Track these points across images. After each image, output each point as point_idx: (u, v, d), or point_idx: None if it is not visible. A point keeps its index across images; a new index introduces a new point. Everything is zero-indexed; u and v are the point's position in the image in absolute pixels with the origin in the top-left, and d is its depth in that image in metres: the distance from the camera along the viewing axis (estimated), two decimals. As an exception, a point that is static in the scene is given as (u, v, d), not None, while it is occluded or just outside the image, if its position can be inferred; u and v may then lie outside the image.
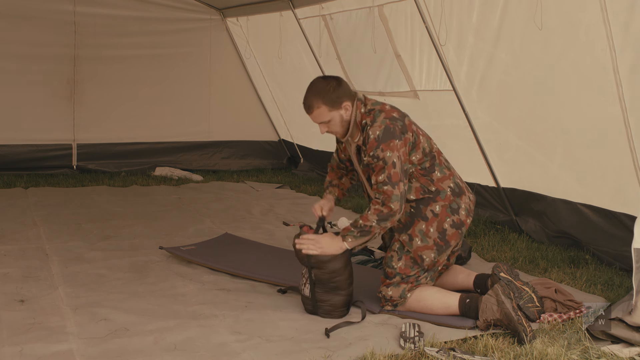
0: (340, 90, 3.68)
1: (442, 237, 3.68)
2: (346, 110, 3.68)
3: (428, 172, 3.69)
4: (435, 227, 3.67)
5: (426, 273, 3.72)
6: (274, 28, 7.85)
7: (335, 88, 3.67)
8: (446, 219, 3.67)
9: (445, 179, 3.71)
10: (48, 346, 3.25)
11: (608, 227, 4.68)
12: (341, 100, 3.67)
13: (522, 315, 3.41)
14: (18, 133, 8.23)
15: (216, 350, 3.26)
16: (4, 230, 5.51)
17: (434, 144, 3.81)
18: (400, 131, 3.60)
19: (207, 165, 9.08)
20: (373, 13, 6.11)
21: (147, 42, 8.72)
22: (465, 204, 3.73)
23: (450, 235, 3.69)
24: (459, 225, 3.70)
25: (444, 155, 3.85)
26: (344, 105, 3.68)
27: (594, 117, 4.46)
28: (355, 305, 3.80)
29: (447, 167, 3.77)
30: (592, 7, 4.04)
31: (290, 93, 8.67)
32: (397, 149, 3.55)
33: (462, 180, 3.84)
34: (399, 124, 3.62)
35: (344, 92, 3.69)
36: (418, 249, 3.68)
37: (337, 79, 3.76)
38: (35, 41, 8.19)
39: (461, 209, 3.70)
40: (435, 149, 3.77)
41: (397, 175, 3.53)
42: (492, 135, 5.48)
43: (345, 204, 6.88)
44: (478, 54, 5.17)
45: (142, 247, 5.15)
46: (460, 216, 3.69)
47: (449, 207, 3.68)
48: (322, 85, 3.71)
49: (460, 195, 3.72)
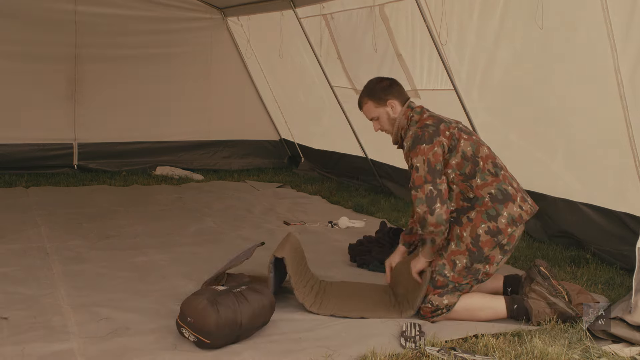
0: (389, 90, 3.84)
1: (475, 243, 3.61)
2: (392, 108, 3.82)
3: (468, 177, 3.65)
4: (468, 232, 3.62)
5: (479, 283, 3.69)
6: (275, 27, 7.85)
7: (385, 87, 3.85)
8: (481, 225, 3.60)
9: (486, 185, 3.64)
10: (49, 345, 3.25)
11: (609, 227, 4.68)
12: (387, 98, 3.81)
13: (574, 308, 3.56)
14: (19, 132, 8.24)
15: (216, 350, 3.26)
16: (5, 229, 5.51)
17: (485, 150, 3.73)
18: (429, 135, 3.62)
19: (208, 164, 9.08)
20: (374, 12, 6.11)
21: (148, 41, 8.72)
22: (511, 212, 3.61)
23: (484, 242, 3.60)
24: (495, 232, 3.60)
25: (497, 161, 3.75)
26: (390, 103, 3.81)
27: (595, 116, 4.46)
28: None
29: (493, 174, 3.67)
30: (593, 7, 4.03)
31: (291, 92, 8.67)
32: (423, 153, 3.58)
33: (516, 187, 3.72)
34: (430, 129, 3.64)
35: (393, 92, 3.85)
36: (452, 252, 3.64)
37: (391, 80, 3.93)
38: (36, 40, 8.19)
39: (501, 216, 3.60)
40: (483, 155, 3.70)
41: (420, 178, 3.56)
42: (493, 135, 5.47)
43: (346, 204, 6.89)
44: (479, 53, 5.17)
45: (142, 246, 5.15)
46: (498, 224, 3.59)
47: (485, 213, 3.61)
48: (373, 83, 3.91)
49: (504, 202, 3.62)
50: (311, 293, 3.93)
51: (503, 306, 3.67)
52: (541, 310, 3.60)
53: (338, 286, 4.19)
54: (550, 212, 5.20)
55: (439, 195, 3.55)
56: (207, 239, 5.45)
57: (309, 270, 4.21)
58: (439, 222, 3.55)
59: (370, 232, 5.38)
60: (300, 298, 3.78)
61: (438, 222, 3.55)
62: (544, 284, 3.66)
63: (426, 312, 3.66)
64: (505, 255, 3.68)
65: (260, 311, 3.41)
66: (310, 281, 4.09)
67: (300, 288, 3.84)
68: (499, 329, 3.52)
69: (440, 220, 3.55)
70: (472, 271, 3.63)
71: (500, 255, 3.65)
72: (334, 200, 7.10)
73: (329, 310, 3.76)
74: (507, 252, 3.67)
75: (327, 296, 3.98)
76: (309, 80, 7.97)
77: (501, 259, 3.67)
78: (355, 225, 5.96)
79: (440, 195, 3.56)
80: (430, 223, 3.55)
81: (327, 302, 3.88)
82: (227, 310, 3.27)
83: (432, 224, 3.55)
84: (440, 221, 3.55)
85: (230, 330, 3.27)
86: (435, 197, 3.54)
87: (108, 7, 8.48)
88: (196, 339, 3.25)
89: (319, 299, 3.90)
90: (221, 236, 5.54)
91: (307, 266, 4.19)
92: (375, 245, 4.89)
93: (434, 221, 3.54)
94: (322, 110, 8.04)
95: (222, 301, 3.30)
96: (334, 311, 3.75)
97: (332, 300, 3.90)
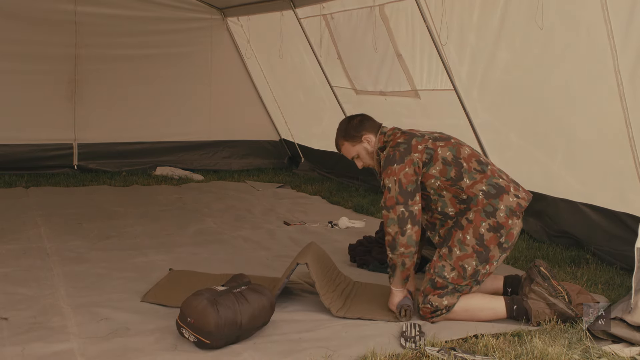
0: (361, 126, 3.90)
1: (481, 243, 3.60)
2: (368, 142, 3.88)
3: (455, 181, 3.65)
4: (471, 234, 3.61)
5: (478, 285, 3.69)
6: (275, 27, 7.85)
7: (356, 125, 3.91)
8: (481, 224, 3.60)
9: (475, 183, 3.64)
10: (49, 346, 3.25)
11: (609, 227, 4.68)
12: (361, 134, 3.88)
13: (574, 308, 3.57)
14: (19, 133, 8.24)
15: (217, 350, 3.26)
16: (5, 229, 5.51)
17: (467, 150, 3.74)
18: (400, 155, 3.65)
19: (208, 164, 9.08)
20: (374, 12, 6.11)
21: (148, 41, 8.72)
22: (507, 204, 3.60)
23: (489, 239, 3.59)
24: (497, 228, 3.59)
25: (481, 158, 3.75)
26: (365, 138, 3.88)
27: (595, 116, 4.46)
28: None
29: (480, 171, 3.67)
30: (593, 6, 4.03)
31: (291, 93, 8.67)
32: (394, 174, 3.63)
33: (506, 179, 3.73)
34: (402, 148, 3.68)
35: (365, 126, 3.90)
36: (458, 258, 3.63)
37: (361, 116, 3.99)
38: (36, 41, 8.20)
39: (499, 210, 3.59)
40: (465, 155, 3.70)
41: (392, 199, 3.60)
42: (493, 135, 5.48)
43: (346, 204, 6.89)
44: (479, 53, 5.17)
45: (142, 246, 5.15)
46: (498, 218, 3.58)
47: (482, 211, 3.60)
48: (345, 124, 3.97)
49: (498, 196, 3.61)
50: (340, 297, 3.89)
51: (503, 306, 3.67)
52: (541, 311, 3.60)
53: (371, 288, 4.17)
54: (550, 212, 5.20)
55: (411, 217, 3.60)
56: (207, 239, 5.45)
57: (341, 274, 4.19)
58: (409, 243, 3.60)
59: (370, 232, 5.38)
60: (327, 303, 3.75)
61: (409, 243, 3.60)
62: (543, 285, 3.66)
63: (426, 312, 3.66)
64: (504, 253, 3.68)
65: (260, 311, 3.41)
66: (341, 284, 4.07)
67: (327, 293, 3.81)
68: (499, 329, 3.52)
69: (411, 241, 3.60)
70: (460, 273, 3.64)
71: (499, 254, 3.65)
72: (334, 201, 7.10)
73: (357, 314, 3.74)
74: (506, 250, 3.67)
75: (358, 299, 3.96)
76: (309, 80, 7.97)
77: (500, 256, 3.67)
78: (355, 226, 5.96)
79: (412, 216, 3.60)
80: (401, 244, 3.59)
81: (356, 305, 3.86)
82: (227, 311, 3.27)
83: (402, 244, 3.59)
84: (411, 242, 3.60)
85: (230, 330, 3.27)
86: (406, 218, 3.59)
87: (108, 7, 8.49)
88: (196, 339, 3.24)
89: (349, 302, 3.88)
90: (221, 236, 5.54)
91: (337, 270, 4.17)
92: (375, 246, 4.88)
93: (405, 242, 3.59)
94: (322, 110, 8.04)
95: (222, 301, 3.30)
96: (362, 314, 3.74)
97: (362, 305, 3.87)
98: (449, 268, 3.64)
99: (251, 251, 5.13)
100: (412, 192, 3.62)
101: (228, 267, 4.61)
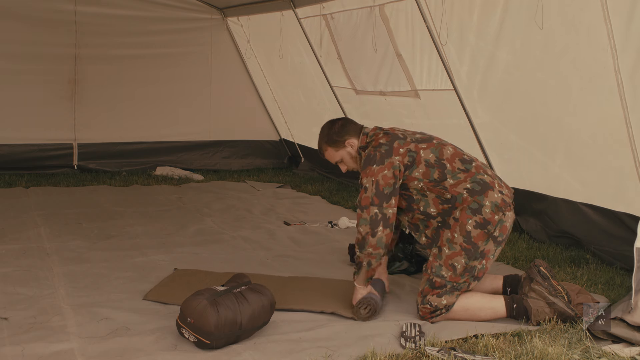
0: (344, 130, 3.90)
1: (468, 240, 3.60)
2: (351, 147, 3.89)
3: (438, 182, 3.66)
4: (459, 232, 3.61)
5: (476, 281, 3.69)
6: (275, 27, 7.85)
7: (338, 130, 3.90)
8: (468, 221, 3.60)
9: (459, 183, 3.64)
10: (49, 346, 3.25)
11: (609, 227, 4.68)
12: (344, 139, 3.88)
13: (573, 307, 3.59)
14: (19, 133, 8.24)
15: (217, 350, 3.26)
16: (5, 229, 5.51)
17: (450, 150, 3.75)
18: (381, 156, 3.66)
19: (207, 164, 9.09)
20: (374, 12, 6.10)
21: (147, 41, 8.73)
22: (492, 200, 3.60)
23: (476, 236, 3.59)
24: (484, 224, 3.59)
25: (465, 156, 3.75)
26: (348, 143, 3.89)
27: (595, 116, 4.46)
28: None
29: (464, 171, 3.67)
30: (593, 7, 4.03)
31: (291, 92, 8.67)
32: (372, 174, 3.64)
33: (491, 174, 3.73)
34: (383, 149, 3.69)
35: (348, 130, 3.90)
36: (447, 257, 3.63)
37: (343, 120, 4.00)
38: (36, 41, 8.20)
39: (484, 207, 3.59)
40: (448, 156, 3.71)
41: (367, 199, 3.61)
42: (493, 135, 5.48)
43: (346, 204, 6.89)
44: (479, 53, 5.17)
45: (142, 246, 5.15)
46: (484, 215, 3.58)
47: (468, 209, 3.60)
48: (326, 129, 3.96)
49: (483, 192, 3.61)
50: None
51: (502, 306, 3.67)
52: (540, 310, 3.60)
53: (301, 281, 4.23)
54: (550, 212, 5.20)
55: (384, 219, 3.61)
56: (207, 239, 5.45)
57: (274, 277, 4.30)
58: (378, 245, 3.62)
59: (370, 232, 5.37)
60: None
61: (378, 245, 3.62)
62: (543, 284, 3.67)
63: (425, 312, 3.66)
64: (499, 247, 3.69)
65: (260, 311, 3.41)
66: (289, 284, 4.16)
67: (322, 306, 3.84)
68: (499, 329, 3.52)
69: (381, 244, 3.62)
70: (468, 269, 3.64)
71: (494, 247, 3.65)
72: (334, 201, 7.10)
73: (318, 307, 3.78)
74: (501, 242, 3.68)
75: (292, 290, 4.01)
76: (309, 80, 7.97)
77: (495, 250, 3.67)
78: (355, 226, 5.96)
79: (384, 219, 3.61)
80: (370, 244, 3.62)
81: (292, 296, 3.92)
82: (227, 311, 3.27)
83: (372, 245, 3.62)
84: (381, 244, 3.62)
85: (230, 330, 3.27)
86: (379, 220, 3.60)
87: (108, 7, 8.49)
88: (196, 339, 3.25)
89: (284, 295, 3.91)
90: (221, 236, 5.54)
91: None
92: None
93: (375, 243, 3.61)
94: (322, 110, 8.04)
95: (222, 301, 3.30)
96: (324, 307, 3.78)
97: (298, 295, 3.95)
98: (445, 268, 3.65)
99: (251, 251, 5.13)
100: (388, 195, 3.62)
101: (228, 267, 4.62)
